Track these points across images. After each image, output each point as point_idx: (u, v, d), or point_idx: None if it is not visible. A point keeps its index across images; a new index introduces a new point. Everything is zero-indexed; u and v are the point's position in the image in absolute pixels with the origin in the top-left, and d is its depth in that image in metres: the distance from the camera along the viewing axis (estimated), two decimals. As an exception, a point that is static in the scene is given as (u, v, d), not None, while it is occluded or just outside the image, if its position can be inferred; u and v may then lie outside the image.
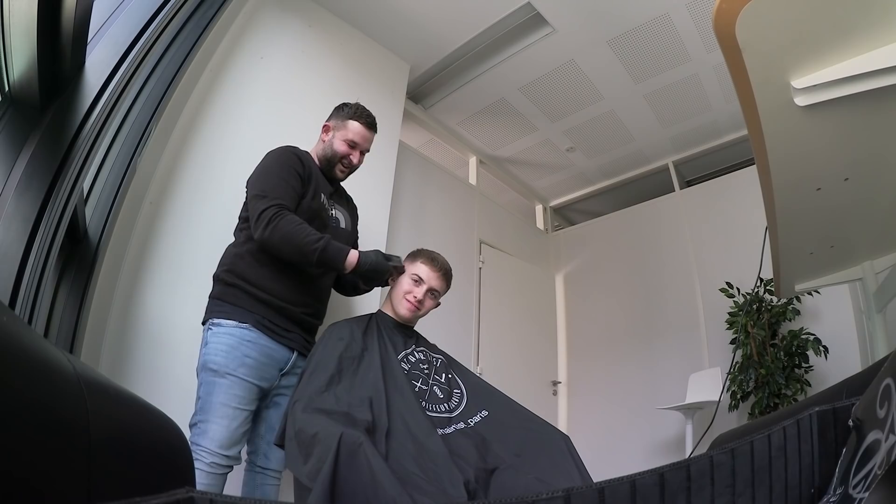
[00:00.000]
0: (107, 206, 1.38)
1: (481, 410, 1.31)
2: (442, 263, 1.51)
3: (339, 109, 1.64)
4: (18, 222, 0.83)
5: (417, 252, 1.55)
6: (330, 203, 1.59)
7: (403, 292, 1.47)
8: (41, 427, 0.37)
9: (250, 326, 1.36)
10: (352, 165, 1.61)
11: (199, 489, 1.27)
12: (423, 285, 1.46)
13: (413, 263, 1.51)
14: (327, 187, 1.59)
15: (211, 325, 1.38)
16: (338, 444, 0.93)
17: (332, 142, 1.59)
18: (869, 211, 1.40)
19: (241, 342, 1.34)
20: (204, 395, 1.30)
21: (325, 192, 1.57)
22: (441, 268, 1.50)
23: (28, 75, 0.87)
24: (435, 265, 1.49)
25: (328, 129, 1.63)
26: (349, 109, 1.61)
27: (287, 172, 1.45)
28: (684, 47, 2.86)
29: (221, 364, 1.31)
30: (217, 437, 1.26)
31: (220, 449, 1.26)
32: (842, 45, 0.93)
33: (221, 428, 1.27)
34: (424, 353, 1.45)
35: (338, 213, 1.63)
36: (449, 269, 1.53)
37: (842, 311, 2.66)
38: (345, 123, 1.59)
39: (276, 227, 1.32)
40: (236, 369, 1.31)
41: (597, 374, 3.74)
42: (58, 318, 1.16)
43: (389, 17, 2.63)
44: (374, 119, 1.64)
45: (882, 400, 0.71)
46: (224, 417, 1.28)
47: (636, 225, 3.92)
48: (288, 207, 1.38)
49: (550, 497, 0.61)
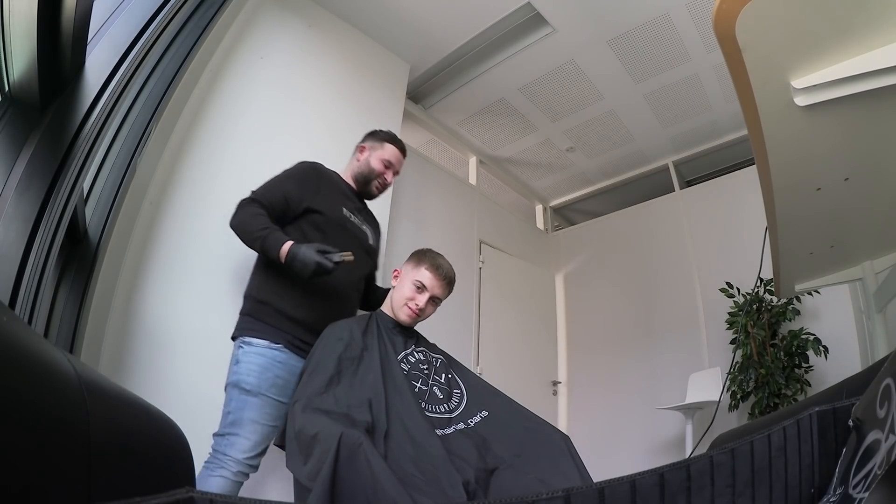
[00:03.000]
0: (107, 206, 1.38)
1: (481, 411, 1.31)
2: (446, 271, 1.45)
3: (374, 134, 1.74)
4: (18, 222, 0.83)
5: (422, 255, 1.47)
6: (360, 218, 1.66)
7: (405, 298, 1.42)
8: (41, 427, 0.37)
9: (282, 348, 1.40)
10: (385, 184, 1.70)
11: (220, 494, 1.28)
12: (425, 293, 1.42)
13: (417, 268, 1.44)
14: (354, 203, 1.66)
15: (242, 343, 1.40)
16: (338, 444, 0.93)
17: (368, 160, 1.68)
18: (869, 211, 1.40)
19: (273, 363, 1.38)
20: (235, 410, 1.34)
21: (351, 207, 1.63)
22: (445, 276, 1.44)
23: (28, 75, 0.87)
24: (439, 273, 1.43)
25: (363, 150, 1.72)
26: (384, 134, 1.73)
27: (288, 179, 1.53)
28: (684, 47, 2.86)
29: (254, 385, 1.35)
30: (246, 448, 1.31)
31: (248, 459, 1.32)
32: (841, 45, 0.93)
33: (251, 442, 1.32)
34: (424, 353, 1.44)
35: (367, 228, 1.69)
36: (453, 277, 1.48)
37: (842, 311, 2.66)
38: (381, 144, 1.69)
39: (236, 213, 1.42)
40: (268, 390, 1.36)
41: (597, 374, 3.74)
42: (58, 318, 1.16)
43: (390, 16, 2.63)
44: (405, 146, 1.77)
45: (882, 400, 0.71)
46: (254, 433, 1.33)
47: (636, 225, 3.92)
48: (260, 202, 1.43)
49: (550, 497, 0.61)
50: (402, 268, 1.51)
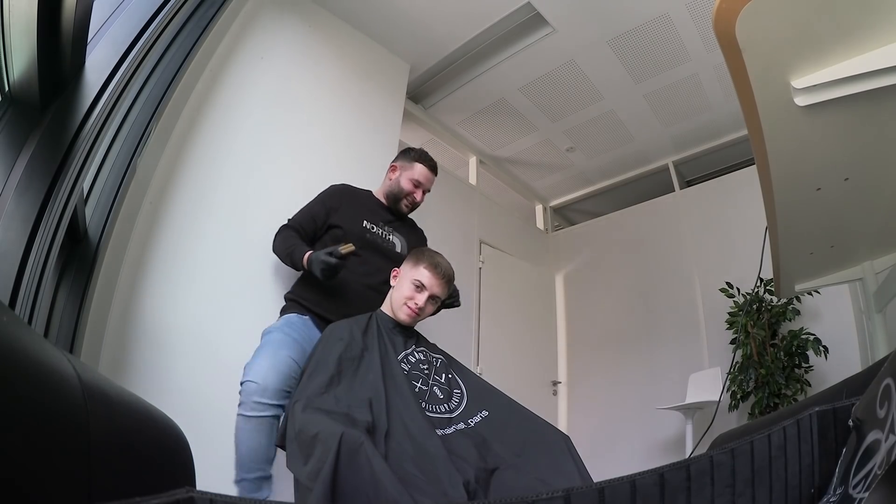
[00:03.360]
0: (107, 206, 1.38)
1: (481, 410, 1.30)
2: (445, 269, 1.45)
3: (406, 153, 1.85)
4: (18, 222, 0.82)
5: (420, 254, 1.48)
6: (387, 230, 1.79)
7: (404, 297, 1.42)
8: (41, 427, 0.37)
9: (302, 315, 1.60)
10: (415, 202, 1.81)
11: (243, 429, 1.33)
12: (424, 292, 1.41)
13: (416, 268, 1.43)
14: (382, 216, 1.81)
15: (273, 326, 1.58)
16: (338, 443, 0.93)
17: (398, 180, 1.80)
18: (869, 211, 1.40)
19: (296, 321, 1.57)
20: (257, 348, 1.49)
21: (375, 220, 1.78)
22: (444, 274, 1.44)
23: (28, 75, 0.87)
24: (438, 272, 1.43)
25: (395, 169, 1.83)
26: (415, 153, 1.82)
27: (315, 200, 1.78)
28: (684, 47, 2.86)
29: (274, 328, 1.55)
30: (260, 370, 1.39)
31: (261, 381, 1.37)
32: (842, 45, 0.93)
33: (265, 362, 1.41)
34: (424, 353, 1.44)
35: (395, 238, 1.78)
36: (452, 275, 1.48)
37: (842, 311, 2.66)
38: (411, 165, 1.80)
39: (274, 239, 1.70)
40: (282, 327, 1.54)
41: (597, 374, 3.74)
42: (58, 318, 1.16)
43: (389, 17, 2.63)
44: (436, 163, 1.85)
45: (882, 400, 0.71)
46: (267, 356, 1.43)
47: (636, 225, 3.92)
48: (291, 226, 1.71)
49: (550, 497, 0.61)
50: (401, 268, 1.51)
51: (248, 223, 1.90)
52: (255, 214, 1.93)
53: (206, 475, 0.79)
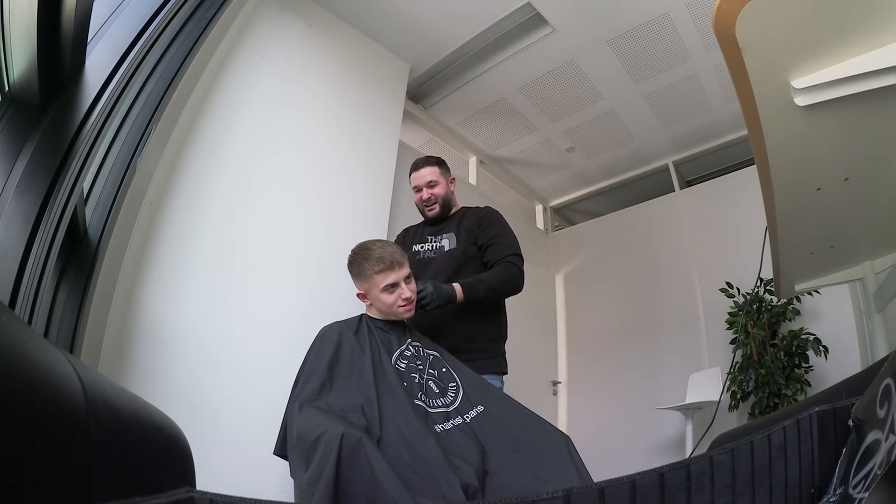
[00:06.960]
0: (107, 206, 1.38)
1: (477, 405, 1.30)
2: (390, 254, 1.37)
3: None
4: (18, 222, 0.83)
5: (356, 265, 1.40)
6: (435, 239, 1.85)
7: (391, 304, 1.37)
8: (41, 427, 0.37)
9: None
10: (428, 202, 1.86)
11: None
12: (400, 285, 1.36)
13: (371, 278, 1.35)
14: (426, 231, 1.89)
15: None
16: (339, 444, 0.93)
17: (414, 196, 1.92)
18: (869, 211, 1.40)
19: None
20: None
21: (423, 238, 1.86)
22: (394, 260, 1.36)
23: (28, 75, 0.87)
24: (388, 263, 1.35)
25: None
26: (411, 167, 1.91)
27: None
28: (684, 47, 2.86)
29: None
30: None
31: None
32: (842, 45, 0.93)
33: None
34: (418, 347, 1.43)
35: (444, 240, 1.83)
36: (398, 250, 1.40)
37: (842, 311, 2.66)
38: (410, 178, 1.90)
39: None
40: None
41: (597, 373, 3.74)
42: (58, 318, 1.16)
43: (389, 16, 2.63)
44: (421, 160, 1.90)
45: (882, 400, 0.71)
46: None
47: (636, 225, 3.92)
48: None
49: (550, 497, 0.61)
50: (358, 287, 1.43)
51: (248, 223, 1.90)
52: (254, 214, 1.93)
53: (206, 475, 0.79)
